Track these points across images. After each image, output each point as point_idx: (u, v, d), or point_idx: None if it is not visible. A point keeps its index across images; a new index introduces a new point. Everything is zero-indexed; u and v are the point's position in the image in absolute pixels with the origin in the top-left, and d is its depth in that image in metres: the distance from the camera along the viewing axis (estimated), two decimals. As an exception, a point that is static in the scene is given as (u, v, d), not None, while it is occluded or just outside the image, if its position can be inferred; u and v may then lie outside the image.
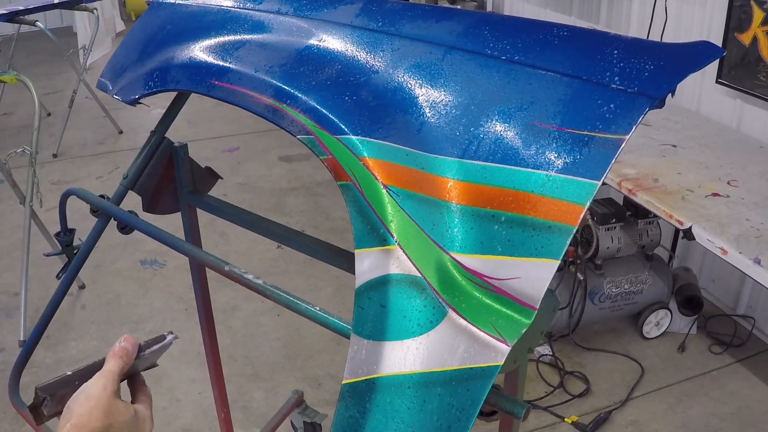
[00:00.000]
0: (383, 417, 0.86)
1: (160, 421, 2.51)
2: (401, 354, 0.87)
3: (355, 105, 1.04)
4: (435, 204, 0.91)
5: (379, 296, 0.91)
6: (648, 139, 2.56)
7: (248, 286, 1.25)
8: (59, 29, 6.94)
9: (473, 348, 0.82)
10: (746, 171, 2.29)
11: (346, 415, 0.89)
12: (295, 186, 4.25)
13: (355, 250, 0.93)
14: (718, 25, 2.65)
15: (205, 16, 1.41)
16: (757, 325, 2.86)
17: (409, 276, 0.89)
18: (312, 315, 1.15)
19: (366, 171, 0.97)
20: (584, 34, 0.98)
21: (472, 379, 0.82)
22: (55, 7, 4.04)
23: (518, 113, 0.90)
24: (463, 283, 0.86)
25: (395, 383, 0.86)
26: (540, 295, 0.80)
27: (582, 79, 0.89)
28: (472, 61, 0.99)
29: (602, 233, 2.64)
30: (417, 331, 0.86)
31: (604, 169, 0.81)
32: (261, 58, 1.25)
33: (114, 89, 1.48)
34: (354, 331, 0.92)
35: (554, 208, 0.82)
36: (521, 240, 0.83)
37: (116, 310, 3.12)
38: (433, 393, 0.84)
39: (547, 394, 2.59)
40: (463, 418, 0.81)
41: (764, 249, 1.84)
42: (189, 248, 1.39)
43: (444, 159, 0.92)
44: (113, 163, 4.61)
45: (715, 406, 2.54)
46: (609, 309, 2.78)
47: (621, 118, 0.85)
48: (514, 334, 0.80)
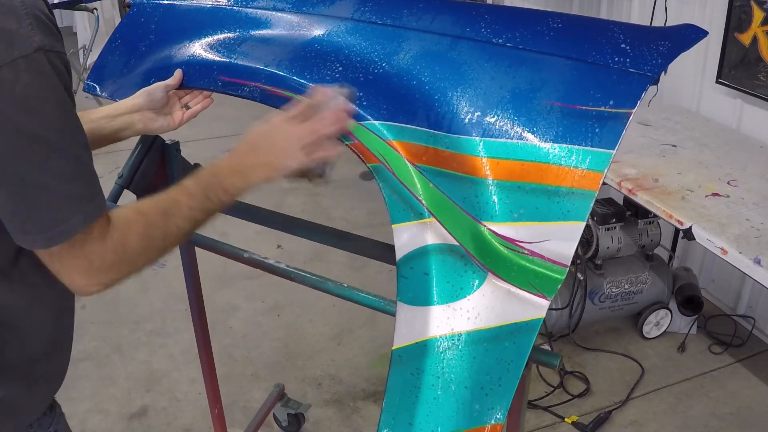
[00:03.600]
0: (437, 375, 0.93)
1: (160, 421, 2.51)
2: (448, 316, 0.94)
3: (373, 93, 1.11)
4: (463, 179, 0.98)
5: (421, 265, 0.97)
6: (648, 139, 2.56)
7: (271, 271, 1.28)
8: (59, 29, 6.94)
9: (515, 305, 0.90)
10: (746, 171, 2.29)
11: (400, 378, 0.96)
12: (294, 186, 4.24)
13: (393, 225, 1.00)
14: (718, 25, 2.65)
15: (199, 14, 1.41)
16: (757, 325, 2.86)
17: (448, 245, 0.97)
18: (340, 292, 1.19)
19: (394, 152, 1.05)
20: (584, 21, 1.08)
21: (518, 333, 0.89)
22: (55, 7, 4.04)
23: (532, 94, 0.97)
24: (499, 248, 0.93)
25: (445, 343, 0.94)
26: (570, 253, 0.88)
27: (587, 62, 0.97)
28: (481, 49, 1.06)
29: (602, 233, 2.64)
30: (461, 294, 0.94)
31: (617, 140, 0.90)
32: (268, 52, 1.28)
33: (105, 91, 1.48)
34: (399, 300, 0.98)
35: (576, 176, 0.90)
36: (548, 206, 0.91)
37: (116, 310, 3.12)
38: (482, 349, 0.91)
39: (547, 394, 2.59)
40: (513, 369, 0.89)
41: (764, 249, 1.83)
42: (202, 238, 1.40)
43: (467, 138, 0.99)
44: (113, 163, 4.60)
45: (715, 406, 2.54)
46: (609, 309, 2.78)
47: (626, 94, 0.92)
48: (551, 289, 0.89)
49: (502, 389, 0.89)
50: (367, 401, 2.59)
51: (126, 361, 2.81)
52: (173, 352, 2.86)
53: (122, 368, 2.77)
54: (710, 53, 2.78)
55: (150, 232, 0.97)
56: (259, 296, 3.19)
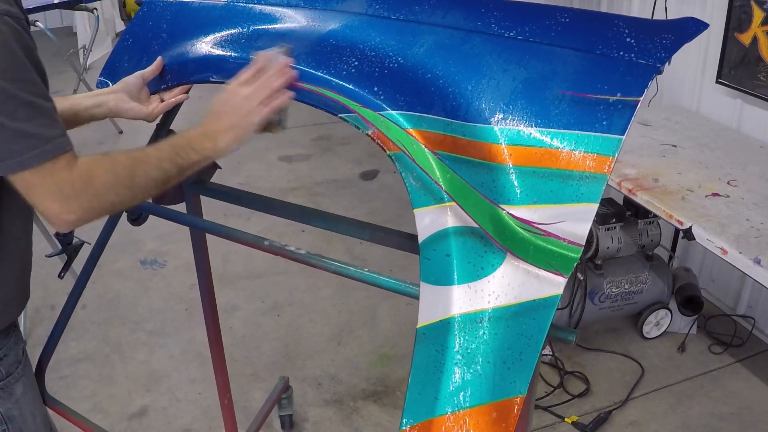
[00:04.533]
0: (460, 351, 0.97)
1: (160, 421, 2.51)
2: (470, 294, 0.98)
3: (390, 85, 1.15)
4: (480, 165, 1.02)
5: (443, 247, 1.02)
6: (648, 139, 2.56)
7: (291, 258, 1.32)
8: (59, 29, 6.94)
9: (533, 283, 0.95)
10: (746, 171, 2.29)
11: (424, 354, 0.99)
12: (295, 186, 4.25)
13: (414, 209, 1.05)
14: (718, 25, 2.65)
15: (212, 11, 1.44)
16: (757, 325, 2.86)
17: (468, 227, 1.02)
18: (362, 277, 1.23)
19: (413, 140, 1.09)
20: (590, 15, 1.13)
21: (537, 310, 0.94)
22: (55, 7, 4.04)
23: (544, 84, 1.03)
24: (517, 229, 0.97)
25: (468, 320, 0.98)
26: (585, 233, 0.93)
27: (595, 53, 1.02)
28: (493, 42, 1.11)
29: (602, 233, 2.64)
30: (482, 273, 0.98)
31: (626, 126, 0.94)
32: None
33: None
34: (423, 280, 1.02)
35: (588, 161, 0.95)
36: (562, 189, 0.96)
37: (116, 310, 3.12)
38: (503, 325, 0.96)
39: (547, 394, 2.59)
40: (533, 343, 0.93)
41: (764, 249, 1.84)
42: (220, 228, 1.43)
43: (483, 126, 1.03)
44: (113, 163, 4.61)
45: (715, 406, 2.54)
46: (609, 309, 2.78)
47: (633, 83, 0.97)
48: (567, 267, 0.93)
49: (523, 363, 0.93)
50: (367, 401, 2.59)
51: (126, 361, 2.81)
52: (173, 352, 2.86)
53: (122, 368, 2.77)
54: (710, 53, 2.78)
55: (116, 170, 1.11)
56: (259, 296, 3.19)
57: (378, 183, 4.29)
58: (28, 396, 1.35)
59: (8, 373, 1.30)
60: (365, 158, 4.54)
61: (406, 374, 2.70)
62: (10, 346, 1.31)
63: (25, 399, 1.34)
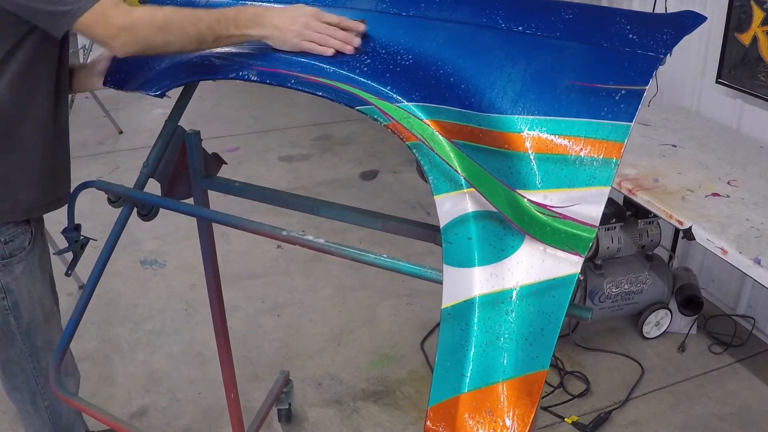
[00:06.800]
0: (484, 329, 1.02)
1: (160, 421, 2.51)
2: (492, 275, 1.03)
3: (404, 79, 1.20)
4: (496, 153, 1.07)
5: (464, 231, 1.07)
6: (648, 139, 2.56)
7: (310, 247, 1.33)
8: (59, 29, 6.92)
9: (552, 262, 1.00)
10: (746, 171, 2.29)
11: (449, 333, 1.04)
12: (295, 186, 4.25)
13: (435, 196, 1.10)
14: (718, 25, 2.65)
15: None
16: (757, 325, 2.86)
17: (487, 211, 1.06)
18: (381, 263, 1.25)
19: (430, 130, 1.13)
20: (593, 9, 1.19)
21: (556, 288, 0.99)
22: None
23: (554, 75, 1.08)
24: (534, 212, 1.02)
25: (490, 300, 1.02)
26: (598, 215, 0.99)
27: (602, 45, 1.08)
28: (502, 37, 1.16)
29: (602, 233, 2.64)
30: (502, 255, 1.03)
31: (634, 113, 1.00)
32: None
33: (130, 86, 1.51)
34: (446, 263, 1.07)
35: (599, 147, 1.00)
36: (575, 174, 1.01)
37: (116, 310, 3.12)
38: (525, 303, 1.00)
39: (547, 394, 2.59)
40: (553, 320, 0.98)
41: (764, 249, 1.84)
42: (236, 219, 1.42)
43: (497, 116, 1.08)
44: (113, 163, 4.61)
45: (715, 406, 2.54)
46: (609, 309, 2.78)
47: (639, 73, 1.03)
48: (583, 247, 0.99)
49: (544, 339, 0.98)
50: (367, 401, 2.59)
51: (126, 361, 2.81)
52: (173, 352, 2.86)
53: (122, 368, 2.77)
54: (710, 53, 2.78)
55: (155, 12, 1.27)
56: (259, 296, 3.19)
57: (378, 183, 4.29)
58: (27, 277, 1.61)
59: (11, 254, 1.56)
60: (365, 158, 4.55)
61: (406, 374, 2.71)
62: (17, 234, 1.54)
63: (23, 278, 1.60)
